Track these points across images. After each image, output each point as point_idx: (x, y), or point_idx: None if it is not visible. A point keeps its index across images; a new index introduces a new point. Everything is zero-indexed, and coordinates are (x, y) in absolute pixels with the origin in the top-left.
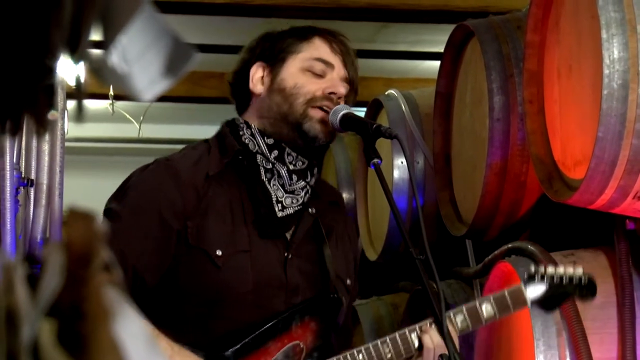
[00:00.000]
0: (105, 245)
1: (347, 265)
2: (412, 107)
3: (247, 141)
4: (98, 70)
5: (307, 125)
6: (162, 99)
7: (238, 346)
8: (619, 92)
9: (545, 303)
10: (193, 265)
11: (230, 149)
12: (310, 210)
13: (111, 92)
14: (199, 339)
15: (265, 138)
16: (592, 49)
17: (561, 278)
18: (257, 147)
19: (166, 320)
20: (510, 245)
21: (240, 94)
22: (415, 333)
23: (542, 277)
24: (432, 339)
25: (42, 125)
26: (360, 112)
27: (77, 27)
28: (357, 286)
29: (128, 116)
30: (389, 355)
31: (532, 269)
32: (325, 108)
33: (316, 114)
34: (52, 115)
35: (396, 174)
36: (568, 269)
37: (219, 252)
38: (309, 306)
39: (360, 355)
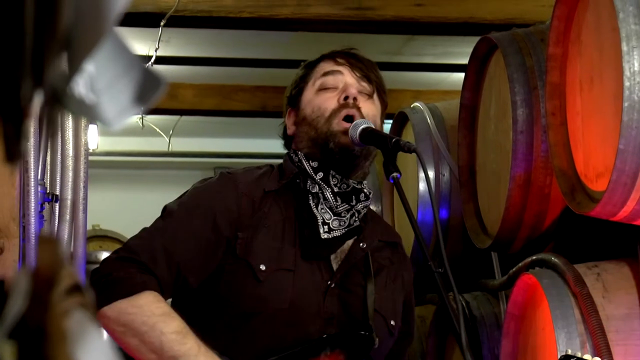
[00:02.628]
0: (73, 269)
1: (394, 307)
2: (438, 119)
3: (299, 167)
4: (64, 100)
5: (332, 144)
6: (192, 112)
7: None
8: None
9: None
10: (236, 275)
11: (288, 172)
12: (361, 245)
13: None
14: (229, 349)
15: (310, 162)
16: (613, 61)
17: None
18: (303, 172)
19: (201, 324)
20: (534, 257)
21: (286, 140)
22: None
23: None
24: None
25: (11, 156)
26: (387, 124)
27: (39, 60)
28: (411, 331)
29: (158, 130)
30: None
31: (569, 351)
32: (347, 115)
33: (338, 127)
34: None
35: (422, 186)
36: None
37: (262, 267)
38: (341, 338)
39: None
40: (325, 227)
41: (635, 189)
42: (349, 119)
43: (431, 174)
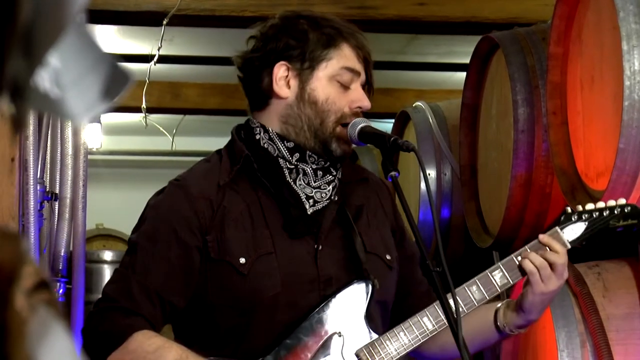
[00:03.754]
0: (38, 265)
1: (384, 240)
2: (440, 119)
3: (265, 145)
4: (27, 95)
5: (334, 146)
6: (195, 111)
7: (277, 348)
8: None
9: (588, 240)
10: (220, 278)
11: (238, 155)
12: (334, 198)
13: (144, 106)
14: (239, 349)
15: (286, 142)
16: (614, 61)
17: (600, 211)
18: (277, 151)
19: (204, 336)
20: None
21: (255, 88)
22: (498, 271)
23: (580, 215)
24: (534, 261)
25: None
26: (389, 123)
27: (0, 55)
28: (412, 249)
29: (161, 129)
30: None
31: (569, 208)
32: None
33: (342, 133)
34: None
35: (423, 185)
36: (609, 202)
37: (242, 260)
38: (341, 295)
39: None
40: (310, 200)
41: (636, 188)
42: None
43: (433, 173)
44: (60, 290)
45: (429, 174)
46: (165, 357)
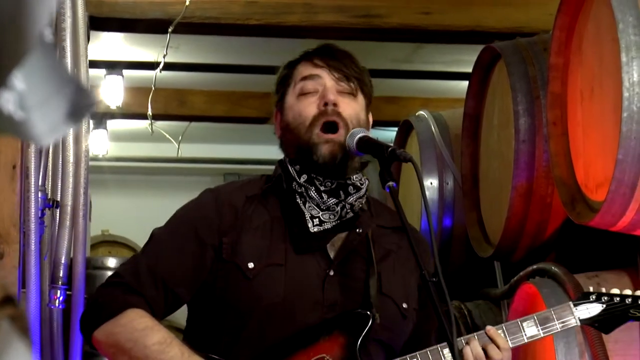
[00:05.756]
0: (4, 281)
1: (406, 289)
2: (442, 128)
3: (284, 170)
4: None
5: (317, 155)
6: (201, 118)
7: (264, 357)
8: (639, 114)
9: (600, 324)
10: (227, 278)
11: (274, 175)
12: (357, 230)
13: (150, 112)
14: (230, 348)
15: (295, 166)
16: (614, 72)
17: (623, 298)
18: (292, 173)
19: (204, 329)
20: (534, 267)
21: (280, 142)
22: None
23: (599, 297)
24: (473, 350)
25: None
26: (392, 131)
27: None
28: (434, 313)
29: (167, 136)
30: None
31: (591, 288)
32: (327, 122)
33: (320, 138)
34: None
35: (427, 194)
36: (637, 291)
37: (250, 265)
38: (339, 320)
39: None
40: (316, 220)
41: (634, 199)
42: (329, 126)
43: (435, 182)
44: (61, 298)
45: (432, 183)
46: (150, 337)
